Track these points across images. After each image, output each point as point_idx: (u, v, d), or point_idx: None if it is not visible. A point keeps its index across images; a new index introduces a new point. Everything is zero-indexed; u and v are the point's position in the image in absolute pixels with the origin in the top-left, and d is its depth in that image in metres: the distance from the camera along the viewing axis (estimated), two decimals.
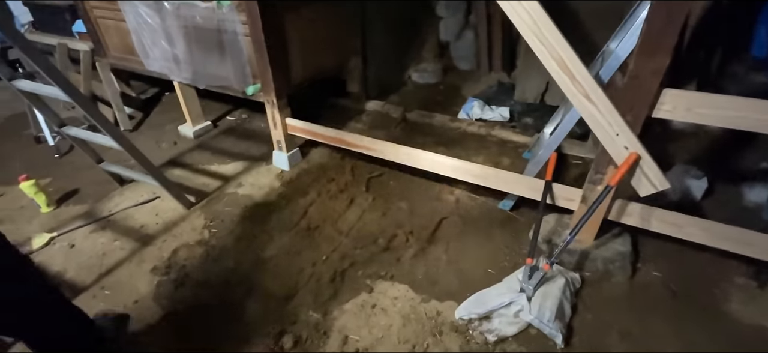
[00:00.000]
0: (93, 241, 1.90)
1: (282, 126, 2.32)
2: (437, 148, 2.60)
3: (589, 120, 1.43)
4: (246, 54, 2.23)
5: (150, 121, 3.09)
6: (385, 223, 1.97)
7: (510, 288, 1.50)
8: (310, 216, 2.03)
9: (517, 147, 2.61)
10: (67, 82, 1.49)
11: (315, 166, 2.44)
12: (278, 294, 1.61)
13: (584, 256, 1.67)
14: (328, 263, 1.75)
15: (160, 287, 1.67)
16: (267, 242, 1.88)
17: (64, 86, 1.48)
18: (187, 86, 2.68)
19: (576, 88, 1.39)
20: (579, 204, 1.65)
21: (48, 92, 1.62)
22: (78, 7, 2.77)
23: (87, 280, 1.71)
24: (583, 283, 1.60)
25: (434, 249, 1.81)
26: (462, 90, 3.51)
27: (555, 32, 1.35)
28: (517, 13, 1.38)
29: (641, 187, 1.44)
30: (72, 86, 1.52)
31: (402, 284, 1.64)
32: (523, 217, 1.99)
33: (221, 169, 2.46)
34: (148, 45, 2.55)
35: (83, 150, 2.04)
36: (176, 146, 2.72)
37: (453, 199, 2.12)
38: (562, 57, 1.37)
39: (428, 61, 3.84)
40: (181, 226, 1.99)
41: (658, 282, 1.61)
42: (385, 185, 2.27)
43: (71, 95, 1.51)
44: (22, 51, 1.35)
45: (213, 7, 2.11)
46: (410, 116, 3.01)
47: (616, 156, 1.42)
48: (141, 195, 2.19)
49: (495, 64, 3.68)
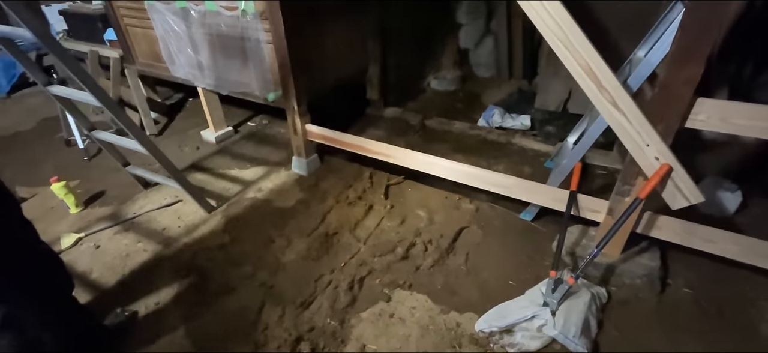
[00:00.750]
0: (117, 242, 1.95)
1: (302, 132, 2.34)
2: (456, 155, 2.57)
3: (617, 129, 1.38)
4: (268, 61, 2.26)
5: (174, 126, 3.17)
6: (403, 231, 1.95)
7: (532, 301, 1.46)
8: (328, 222, 2.03)
9: (539, 156, 2.56)
10: (98, 87, 1.55)
11: (333, 172, 2.45)
12: (296, 300, 1.60)
13: (610, 270, 1.61)
14: (346, 270, 1.74)
15: (180, 289, 1.70)
16: (285, 247, 1.89)
17: (95, 91, 1.53)
18: (211, 92, 2.74)
19: (603, 96, 1.35)
20: (605, 216, 1.59)
21: (80, 97, 1.68)
22: (109, 15, 2.88)
23: (110, 281, 1.75)
24: (610, 298, 1.54)
25: (454, 259, 1.78)
26: (482, 97, 3.47)
27: (582, 38, 1.32)
28: (543, 19, 1.36)
29: (673, 200, 1.38)
30: (102, 91, 1.58)
31: (420, 294, 1.62)
32: (545, 228, 1.93)
33: (242, 174, 2.49)
34: (175, 52, 2.63)
35: (110, 153, 2.10)
36: (198, 151, 2.78)
37: (473, 208, 2.08)
38: (589, 64, 1.34)
39: (447, 69, 3.82)
40: (202, 229, 2.02)
41: (690, 299, 1.54)
42: (403, 193, 2.25)
43: (101, 99, 1.56)
44: (58, 57, 1.40)
45: (237, 15, 2.15)
46: (429, 122, 2.99)
47: (646, 167, 1.37)
48: (164, 198, 2.24)
49: (515, 72, 3.64)
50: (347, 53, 2.73)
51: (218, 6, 2.21)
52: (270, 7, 1.97)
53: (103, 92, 1.58)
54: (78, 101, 1.73)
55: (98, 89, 1.55)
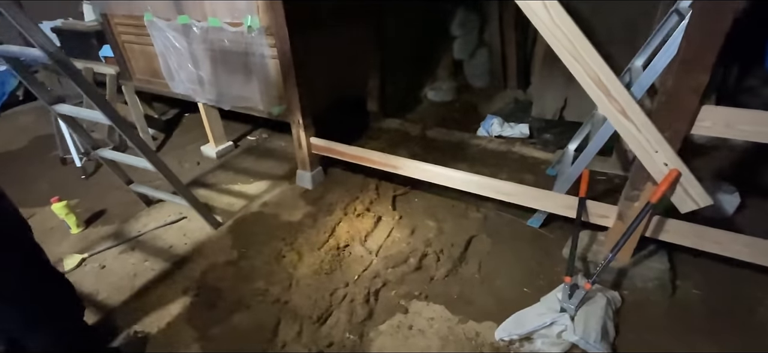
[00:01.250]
0: (123, 262, 1.90)
1: (307, 146, 2.34)
2: (459, 165, 2.60)
3: (626, 136, 1.43)
4: (273, 75, 2.27)
5: (172, 142, 3.13)
6: (414, 242, 1.96)
7: (550, 308, 1.48)
8: (337, 235, 2.03)
9: (539, 164, 2.61)
10: (109, 105, 1.52)
11: (338, 184, 2.45)
12: (312, 315, 1.59)
13: (622, 274, 1.65)
14: (360, 283, 1.73)
15: (192, 308, 1.66)
16: (297, 261, 1.87)
17: (106, 110, 1.51)
18: (211, 108, 2.72)
19: (612, 105, 1.40)
20: (615, 221, 1.63)
21: (88, 116, 1.65)
22: (106, 31, 2.85)
23: (118, 301, 1.70)
24: (623, 302, 1.57)
25: (466, 268, 1.80)
26: (478, 107, 3.53)
27: (591, 51, 1.37)
28: (553, 33, 1.40)
29: (683, 204, 1.43)
30: (113, 110, 1.55)
31: (437, 304, 1.62)
32: (553, 234, 1.97)
33: (245, 188, 2.47)
34: (175, 68, 2.61)
35: (114, 171, 2.06)
36: (199, 166, 2.75)
37: (480, 217, 2.11)
38: (598, 75, 1.38)
39: (443, 80, 3.89)
40: (209, 246, 1.99)
41: (699, 300, 1.58)
42: (410, 203, 2.26)
43: (112, 118, 1.54)
44: (71, 77, 1.38)
45: (242, 31, 2.16)
46: (430, 133, 3.03)
47: (656, 173, 1.41)
48: (168, 215, 2.20)
49: (510, 82, 3.72)
50: (348, 67, 2.76)
51: (222, 22, 2.21)
52: (276, 22, 1.99)
53: (114, 110, 1.56)
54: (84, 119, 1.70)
55: (109, 108, 1.53)
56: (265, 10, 2.04)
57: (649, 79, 1.56)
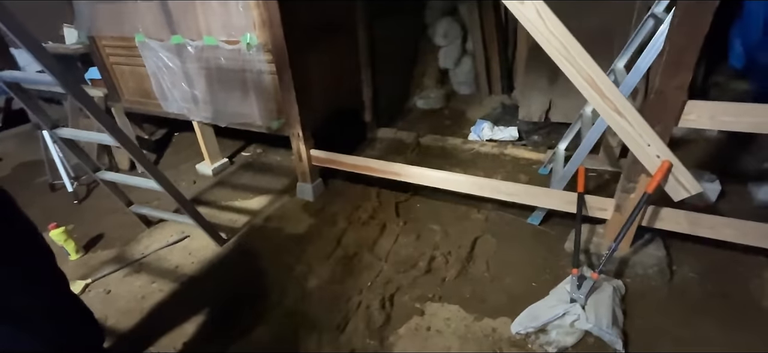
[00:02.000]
0: (129, 285, 1.86)
1: (307, 158, 2.37)
2: (455, 169, 2.68)
3: (620, 133, 1.53)
4: (271, 91, 2.29)
5: (164, 162, 3.08)
6: (421, 246, 2.00)
7: (560, 300, 1.54)
8: (345, 245, 2.05)
9: (531, 164, 2.72)
10: (117, 127, 1.51)
11: (339, 195, 2.47)
12: (330, 325, 1.60)
13: (623, 263, 1.74)
14: (374, 289, 1.76)
15: (207, 327, 1.64)
16: (307, 273, 1.88)
17: (114, 132, 1.50)
18: (206, 125, 2.71)
19: (606, 104, 1.50)
20: (613, 213, 1.73)
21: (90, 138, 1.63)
22: (93, 54, 2.81)
23: (129, 325, 1.67)
24: (627, 289, 1.66)
25: (475, 268, 1.85)
26: (466, 113, 3.64)
27: (584, 55, 1.46)
28: (548, 40, 1.49)
29: (675, 193, 1.54)
30: (121, 131, 1.54)
31: (452, 304, 1.66)
32: (553, 230, 2.05)
33: (246, 204, 2.46)
34: (167, 87, 2.60)
35: (114, 193, 2.02)
36: (196, 185, 2.72)
37: (482, 218, 2.18)
38: (592, 76, 1.48)
39: (430, 88, 3.99)
40: (217, 264, 1.98)
41: (696, 282, 1.69)
42: (413, 209, 2.31)
43: (120, 140, 1.53)
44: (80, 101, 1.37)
45: (239, 48, 2.18)
46: (423, 140, 3.10)
47: (649, 165, 1.51)
48: (170, 235, 2.17)
49: (494, 88, 3.85)
50: (341, 81, 2.81)
51: (218, 40, 2.23)
52: (274, 39, 2.02)
53: (121, 131, 1.55)
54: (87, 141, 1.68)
55: (117, 129, 1.52)
56: (262, 27, 2.08)
57: (635, 79, 1.67)
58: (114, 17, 2.53)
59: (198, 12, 2.22)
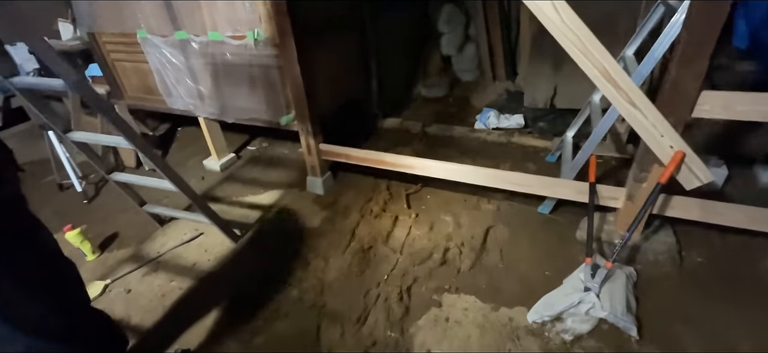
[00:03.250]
0: (149, 284, 1.88)
1: (316, 152, 2.37)
2: (463, 159, 2.70)
3: (634, 123, 1.54)
4: (279, 86, 2.28)
5: (170, 158, 3.07)
6: (434, 237, 2.03)
7: (574, 288, 1.58)
8: (359, 237, 2.08)
9: (538, 152, 2.74)
10: (132, 130, 1.51)
11: (350, 187, 2.49)
12: (351, 317, 1.64)
13: (634, 250, 1.78)
14: (391, 281, 1.80)
15: (229, 321, 1.68)
16: (324, 266, 1.91)
17: (128, 134, 1.49)
18: (212, 121, 2.70)
19: (620, 95, 1.51)
20: (625, 202, 1.76)
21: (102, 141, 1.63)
22: (94, 51, 2.77)
23: (152, 323, 1.70)
24: (639, 275, 1.70)
25: (489, 258, 1.89)
26: (471, 100, 3.64)
27: (599, 46, 1.47)
28: (564, 34, 1.49)
29: (687, 181, 1.57)
30: (135, 134, 1.54)
31: (468, 295, 1.70)
32: (563, 218, 2.09)
33: (257, 199, 2.47)
34: (172, 84, 2.57)
35: (127, 194, 2.02)
36: (204, 181, 2.72)
37: (493, 208, 2.21)
38: (606, 67, 1.49)
39: (434, 76, 3.97)
40: (233, 260, 2.00)
41: (704, 267, 1.73)
42: (424, 200, 2.34)
43: (135, 142, 1.52)
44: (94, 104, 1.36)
45: (246, 43, 2.15)
46: (430, 129, 3.11)
47: (663, 155, 1.54)
48: (184, 234, 2.19)
49: (498, 74, 3.84)
50: (347, 73, 2.80)
51: (223, 35, 2.20)
52: (281, 33, 2.00)
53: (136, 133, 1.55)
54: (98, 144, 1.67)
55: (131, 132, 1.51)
56: (268, 21, 2.05)
57: (647, 69, 1.68)
58: (115, 13, 2.49)
59: (202, 7, 2.18)
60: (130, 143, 1.53)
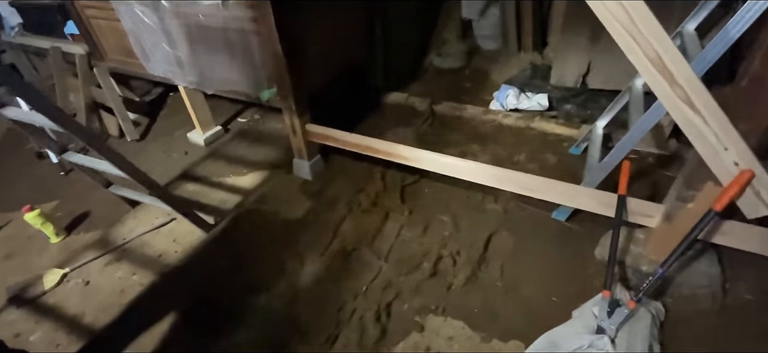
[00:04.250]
0: (109, 276, 1.73)
1: (302, 133, 2.10)
2: (472, 145, 2.37)
3: (689, 130, 1.18)
4: (258, 55, 1.97)
5: (157, 127, 2.87)
6: (427, 242, 1.77)
7: (585, 326, 1.30)
8: (342, 236, 1.84)
9: (562, 141, 2.36)
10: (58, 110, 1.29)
11: (340, 174, 2.22)
12: (320, 337, 1.43)
13: (666, 280, 1.45)
14: (370, 294, 1.56)
15: (187, 328, 1.51)
16: (299, 269, 1.70)
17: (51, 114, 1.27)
18: (195, 91, 2.45)
19: (676, 92, 1.14)
20: (661, 223, 1.42)
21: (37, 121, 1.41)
22: (68, 7, 2.52)
23: (106, 322, 1.55)
24: (667, 312, 1.39)
25: (487, 273, 1.61)
26: (490, 74, 3.22)
27: (654, 24, 1.08)
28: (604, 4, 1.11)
29: (752, 209, 1.20)
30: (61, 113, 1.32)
31: (456, 319, 1.45)
32: (581, 228, 1.77)
33: (238, 181, 2.25)
34: (148, 48, 2.31)
35: (89, 176, 1.84)
36: (187, 156, 2.52)
37: (499, 209, 1.90)
38: (661, 55, 1.11)
39: (451, 43, 3.53)
40: (203, 253, 1.82)
41: (753, 307, 1.40)
42: (420, 194, 2.05)
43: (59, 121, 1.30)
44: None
45: (217, 3, 1.84)
46: (438, 108, 2.75)
47: (722, 174, 1.18)
48: (155, 217, 2.01)
49: (525, 44, 3.36)
50: (347, 38, 2.44)
51: None
52: None
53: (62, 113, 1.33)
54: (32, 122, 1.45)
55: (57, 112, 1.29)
56: None
57: (716, 53, 1.27)
58: None
59: None
60: (55, 123, 1.30)
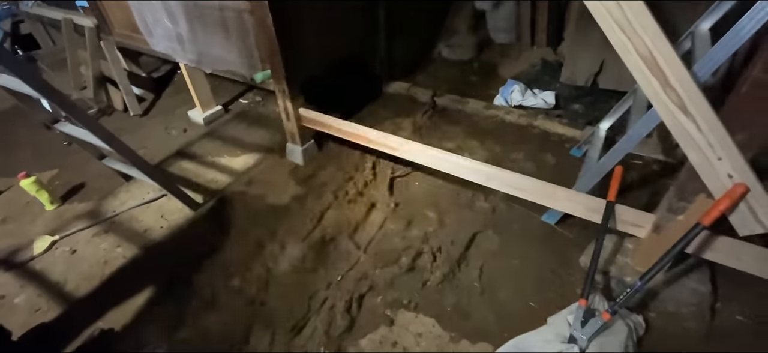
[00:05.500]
0: (95, 246, 1.78)
1: (295, 117, 2.08)
2: (470, 141, 2.30)
3: (681, 137, 1.10)
4: (253, 35, 1.96)
5: (161, 104, 2.92)
6: (409, 236, 1.73)
7: (557, 334, 1.25)
8: (325, 224, 1.82)
9: (564, 142, 2.26)
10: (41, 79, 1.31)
11: (332, 161, 2.20)
12: (287, 323, 1.43)
13: (650, 293, 1.38)
14: (344, 285, 1.55)
15: (160, 305, 1.53)
16: (278, 254, 1.69)
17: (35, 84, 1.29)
18: (195, 69, 2.46)
19: (668, 96, 1.06)
20: (650, 233, 1.34)
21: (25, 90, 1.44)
22: None
23: (86, 292, 1.59)
24: (648, 328, 1.32)
25: (466, 273, 1.57)
26: (499, 68, 3.11)
27: (648, 18, 1.00)
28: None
29: (743, 225, 1.12)
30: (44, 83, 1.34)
31: (427, 316, 1.42)
32: (570, 233, 1.69)
33: (232, 162, 2.26)
34: (151, 22, 2.33)
35: (81, 147, 1.88)
36: (186, 134, 2.55)
37: (488, 207, 1.84)
38: (653, 54, 1.03)
39: (461, 34, 3.43)
40: (187, 231, 1.84)
41: (744, 330, 1.31)
42: (409, 187, 2.01)
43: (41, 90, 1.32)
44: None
45: None
46: (440, 100, 2.68)
47: (714, 186, 1.09)
48: (147, 192, 2.05)
49: (539, 39, 3.23)
50: (346, 22, 2.39)
51: None
52: None
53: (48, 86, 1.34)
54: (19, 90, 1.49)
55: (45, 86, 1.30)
56: None
57: (724, 53, 1.16)
58: None
59: None
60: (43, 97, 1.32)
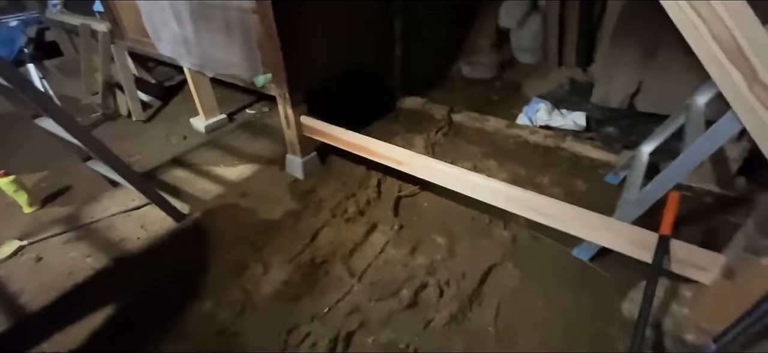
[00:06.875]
0: (63, 255, 1.61)
1: (296, 126, 1.90)
2: (488, 161, 2.06)
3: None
4: (255, 36, 1.82)
5: (166, 111, 2.83)
6: (413, 265, 1.48)
7: None
8: (317, 245, 1.60)
9: (597, 167, 1.98)
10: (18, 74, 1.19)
11: (334, 176, 2.00)
12: None
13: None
14: (331, 318, 1.30)
15: (119, 329, 1.32)
16: (260, 276, 1.47)
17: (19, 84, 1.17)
18: (199, 74, 2.35)
19: (755, 93, 0.80)
20: (718, 278, 1.04)
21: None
22: None
23: (41, 305, 1.41)
24: None
25: (479, 314, 1.29)
26: (523, 88, 2.89)
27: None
28: None
29: None
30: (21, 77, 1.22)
31: None
32: (607, 271, 1.40)
33: (227, 172, 2.10)
34: (158, 25, 2.26)
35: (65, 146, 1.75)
36: (185, 141, 2.42)
37: (508, 237, 1.57)
38: (738, 41, 0.79)
39: (483, 52, 3.24)
40: (166, 244, 1.65)
41: None
42: (418, 209, 1.77)
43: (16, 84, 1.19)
44: None
45: None
46: (457, 117, 2.47)
47: None
48: (132, 199, 1.89)
49: (567, 58, 3.00)
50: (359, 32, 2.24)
51: None
52: None
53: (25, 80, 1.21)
54: None
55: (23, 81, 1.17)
56: None
57: None
58: None
59: None
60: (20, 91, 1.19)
